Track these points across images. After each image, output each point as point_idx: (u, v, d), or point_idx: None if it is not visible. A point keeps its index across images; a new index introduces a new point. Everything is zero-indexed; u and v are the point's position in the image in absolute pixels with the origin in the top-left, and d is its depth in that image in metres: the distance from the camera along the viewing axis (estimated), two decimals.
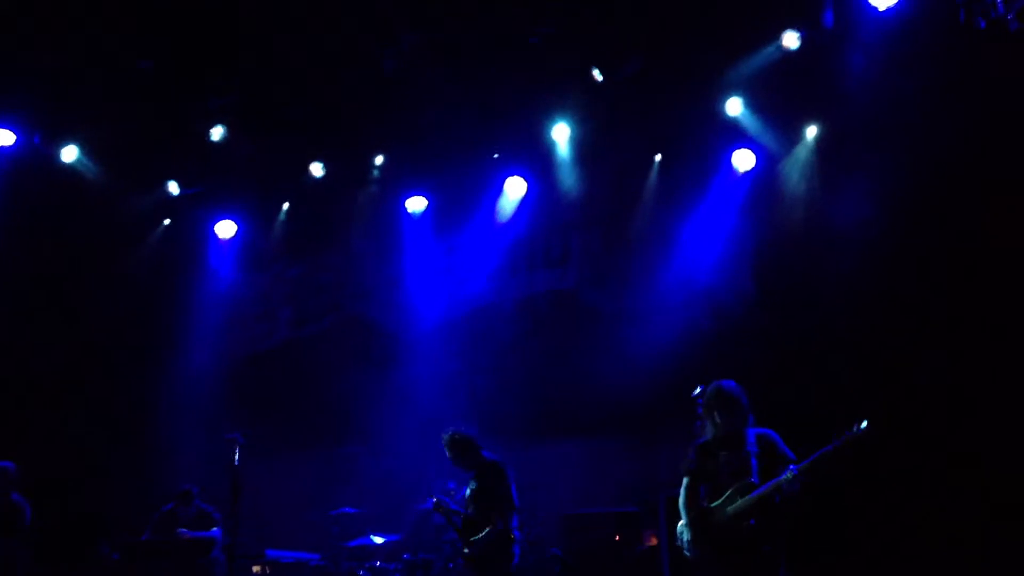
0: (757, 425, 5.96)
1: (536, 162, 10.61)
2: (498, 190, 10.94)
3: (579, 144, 10.27)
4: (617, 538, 8.46)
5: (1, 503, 8.21)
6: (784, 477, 5.63)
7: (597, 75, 9.29)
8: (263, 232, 11.92)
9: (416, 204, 11.29)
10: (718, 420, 5.92)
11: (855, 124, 8.98)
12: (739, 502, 5.74)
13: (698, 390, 6.81)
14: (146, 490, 10.58)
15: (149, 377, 11.58)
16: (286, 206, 11.72)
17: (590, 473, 10.01)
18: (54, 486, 10.74)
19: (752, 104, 9.42)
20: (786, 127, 9.51)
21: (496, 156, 10.76)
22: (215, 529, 8.84)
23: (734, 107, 9.43)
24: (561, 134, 10.17)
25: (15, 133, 10.18)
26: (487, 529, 6.95)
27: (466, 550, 7.11)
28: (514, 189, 10.88)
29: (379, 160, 11.08)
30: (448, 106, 10.02)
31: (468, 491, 7.28)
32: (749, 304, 9.78)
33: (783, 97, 9.24)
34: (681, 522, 5.96)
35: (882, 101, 8.65)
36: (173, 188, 11.26)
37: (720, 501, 5.81)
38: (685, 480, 5.97)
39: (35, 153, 10.42)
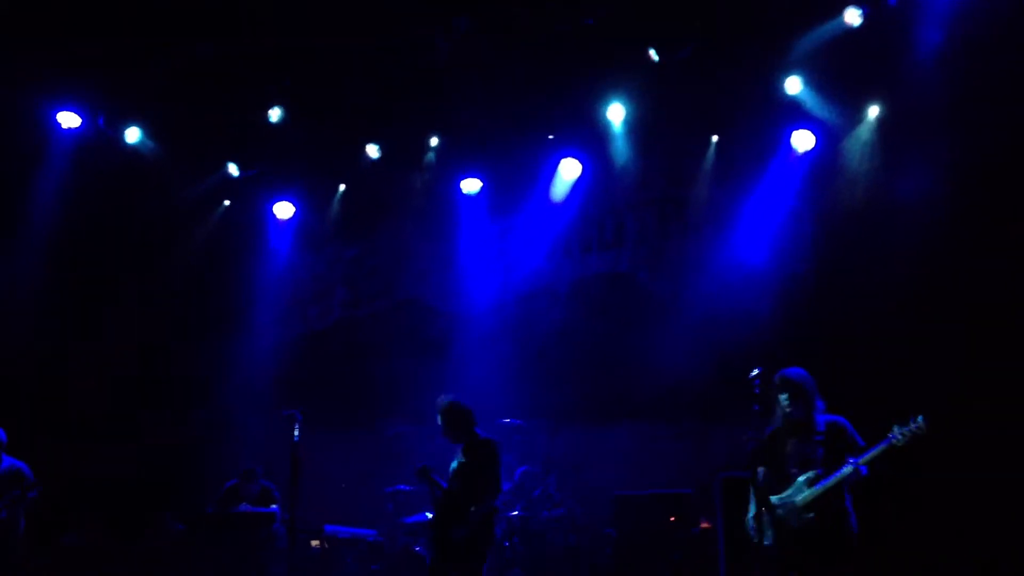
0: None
1: (591, 143, 10.56)
2: (552, 171, 10.92)
3: (634, 125, 10.19)
4: (672, 520, 8.45)
5: None
6: (844, 471, 5.59)
7: (653, 55, 9.20)
8: (320, 213, 12.06)
9: (470, 186, 11.32)
10: (785, 408, 5.87)
11: (919, 104, 8.74)
12: (806, 493, 5.69)
13: (755, 372, 6.75)
14: (205, 465, 10.83)
15: (208, 355, 11.78)
16: (342, 188, 11.85)
17: (642, 456, 9.99)
18: (118, 460, 11.06)
19: (812, 83, 9.24)
20: (847, 106, 9.32)
21: (551, 137, 10.75)
22: (274, 505, 9.02)
23: (794, 86, 9.29)
24: (616, 114, 10.12)
25: (80, 115, 10.43)
26: (480, 505, 6.70)
27: (432, 531, 6.93)
28: (568, 170, 10.85)
29: (434, 142, 11.13)
30: (503, 87, 10.02)
31: (455, 464, 7.04)
32: (806, 287, 9.65)
33: (844, 76, 9.05)
34: (751, 510, 5.92)
35: (947, 80, 8.44)
36: (232, 170, 11.43)
37: (789, 492, 5.76)
38: (757, 468, 5.91)
39: (99, 135, 10.66)
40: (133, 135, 10.74)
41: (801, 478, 5.72)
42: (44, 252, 10.82)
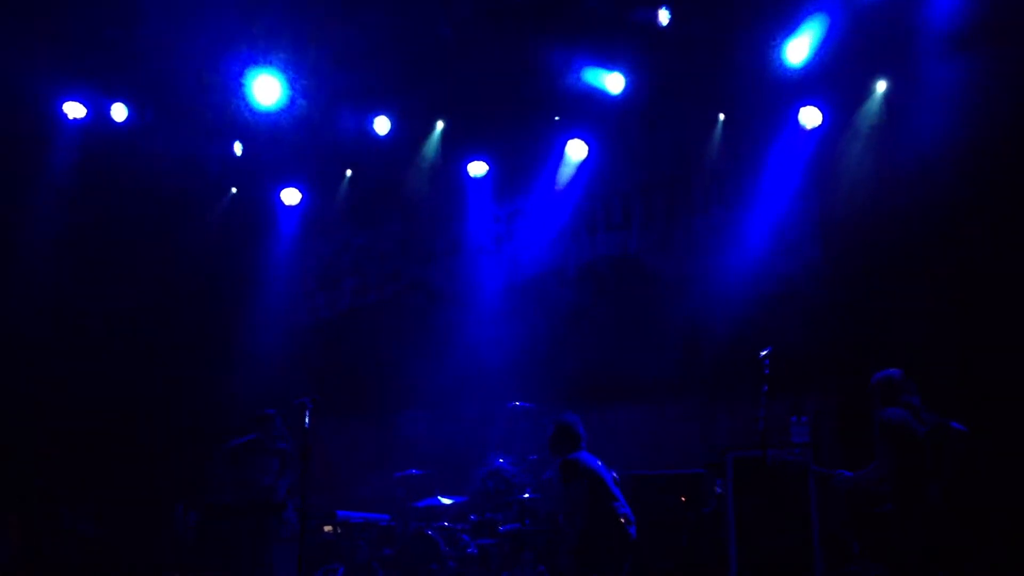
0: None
1: (597, 125, 10.52)
2: (559, 154, 10.89)
3: (641, 105, 10.13)
4: (682, 499, 8.46)
5: None
6: None
7: (663, 17, 9.00)
8: (327, 200, 12.06)
9: (477, 169, 11.30)
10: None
11: (928, 79, 8.66)
12: None
13: (764, 352, 6.75)
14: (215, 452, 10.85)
15: (217, 345, 11.81)
16: (349, 173, 11.85)
17: (652, 437, 9.98)
18: (127, 450, 11.11)
19: (820, 58, 9.11)
20: (855, 82, 9.24)
21: (557, 119, 10.70)
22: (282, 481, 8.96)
23: (798, 53, 9.11)
24: (615, 84, 9.97)
25: (86, 105, 10.43)
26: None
27: None
28: (575, 152, 10.81)
29: (440, 126, 11.11)
30: (509, 70, 9.96)
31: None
32: (814, 268, 9.59)
33: (853, 51, 8.94)
34: None
35: (958, 55, 8.35)
36: (237, 148, 11.34)
37: None
38: None
39: (106, 124, 10.66)
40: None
41: None
42: (50, 243, 10.85)
